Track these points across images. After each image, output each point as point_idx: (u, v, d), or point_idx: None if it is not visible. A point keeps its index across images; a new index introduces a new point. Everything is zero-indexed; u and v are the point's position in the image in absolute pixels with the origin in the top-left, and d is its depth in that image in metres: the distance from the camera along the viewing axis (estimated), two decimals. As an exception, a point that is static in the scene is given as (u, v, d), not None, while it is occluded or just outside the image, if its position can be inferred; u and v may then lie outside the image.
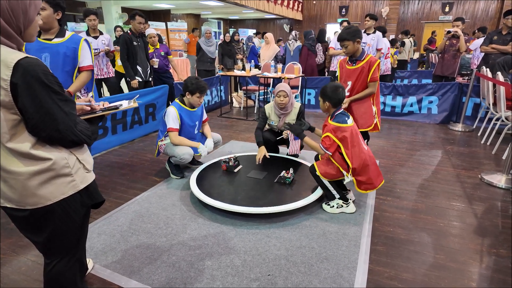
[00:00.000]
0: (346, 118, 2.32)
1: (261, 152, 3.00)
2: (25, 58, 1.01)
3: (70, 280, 1.31)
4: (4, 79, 0.97)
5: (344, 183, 2.37)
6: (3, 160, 1.06)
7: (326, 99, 2.34)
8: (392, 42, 7.35)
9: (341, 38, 2.69)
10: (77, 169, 1.18)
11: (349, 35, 2.65)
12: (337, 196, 2.42)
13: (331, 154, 2.30)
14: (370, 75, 2.72)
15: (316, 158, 2.79)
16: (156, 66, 4.81)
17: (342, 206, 2.44)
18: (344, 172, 2.31)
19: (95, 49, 4.06)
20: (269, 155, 3.05)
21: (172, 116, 2.89)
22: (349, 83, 2.84)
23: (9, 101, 1.00)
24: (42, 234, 1.19)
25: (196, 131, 3.13)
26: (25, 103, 1.01)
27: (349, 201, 2.45)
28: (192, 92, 2.89)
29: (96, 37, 4.13)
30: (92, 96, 2.70)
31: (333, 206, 2.46)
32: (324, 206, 2.50)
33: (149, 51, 4.83)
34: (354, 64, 2.78)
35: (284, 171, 2.73)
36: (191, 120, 3.03)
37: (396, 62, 7.15)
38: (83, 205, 1.23)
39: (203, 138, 3.21)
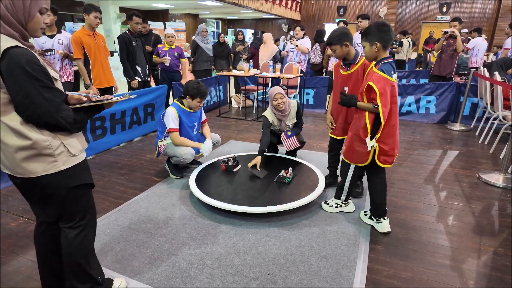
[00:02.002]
0: (392, 72, 2.01)
1: (255, 161, 2.90)
2: (14, 47, 1.13)
3: (80, 247, 1.45)
4: None
5: (368, 149, 2.12)
6: (1, 132, 1.21)
7: (375, 39, 1.99)
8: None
9: (328, 43, 2.51)
10: (60, 152, 1.29)
11: (335, 39, 2.45)
12: (343, 199, 2.42)
13: (379, 107, 1.97)
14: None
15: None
16: (167, 64, 4.83)
17: (341, 205, 2.45)
18: (367, 139, 2.07)
19: (49, 50, 3.61)
20: (260, 168, 2.90)
21: (171, 116, 2.90)
22: (346, 88, 2.73)
23: None
24: (31, 200, 1.40)
25: (195, 132, 3.13)
26: (8, 85, 1.15)
27: (349, 200, 2.46)
28: (193, 96, 2.90)
29: (51, 36, 3.61)
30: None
31: (332, 206, 2.47)
32: (323, 205, 2.51)
33: (164, 49, 4.86)
34: (348, 68, 2.59)
35: (283, 171, 2.73)
36: (190, 121, 3.03)
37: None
38: (64, 186, 1.34)
39: (202, 138, 3.21)
